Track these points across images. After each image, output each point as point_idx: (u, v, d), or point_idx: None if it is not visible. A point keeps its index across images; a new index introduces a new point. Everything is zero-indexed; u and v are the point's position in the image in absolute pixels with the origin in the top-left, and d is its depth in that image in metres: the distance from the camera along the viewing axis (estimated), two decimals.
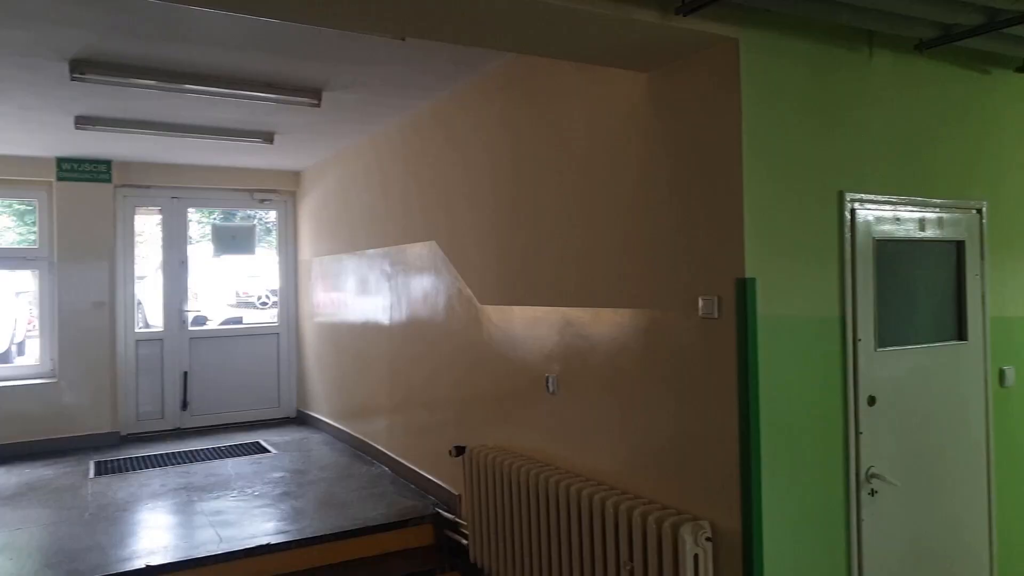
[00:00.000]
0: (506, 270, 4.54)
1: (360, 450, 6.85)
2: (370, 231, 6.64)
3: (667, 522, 3.04)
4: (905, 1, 2.82)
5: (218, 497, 5.56)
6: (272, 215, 9.08)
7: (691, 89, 3.22)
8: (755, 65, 3.03)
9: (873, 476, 3.21)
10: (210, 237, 9.22)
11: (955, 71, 3.62)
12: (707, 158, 3.14)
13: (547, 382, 4.11)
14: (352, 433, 7.11)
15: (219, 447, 7.32)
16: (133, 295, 8.05)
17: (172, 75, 4.66)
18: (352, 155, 7.05)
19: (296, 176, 8.73)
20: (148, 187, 8.11)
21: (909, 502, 3.35)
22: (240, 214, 9.56)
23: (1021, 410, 3.79)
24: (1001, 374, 3.73)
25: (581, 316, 3.88)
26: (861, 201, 3.28)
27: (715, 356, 3.07)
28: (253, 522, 4.96)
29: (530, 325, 4.29)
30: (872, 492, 3.22)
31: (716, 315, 3.06)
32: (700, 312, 3.13)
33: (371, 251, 6.59)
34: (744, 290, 2.96)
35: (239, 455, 6.97)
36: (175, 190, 8.26)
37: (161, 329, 8.25)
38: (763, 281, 3.00)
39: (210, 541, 4.61)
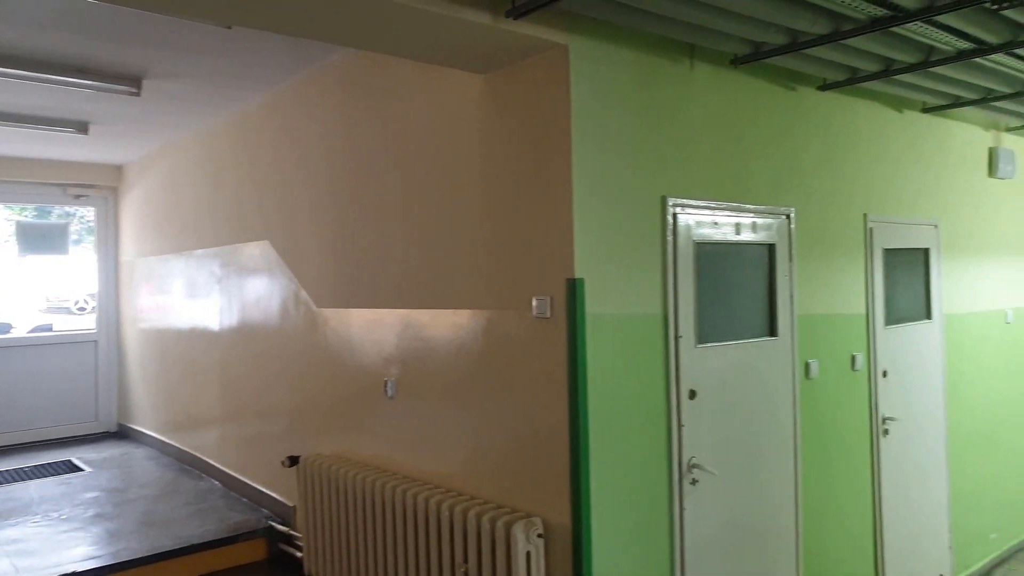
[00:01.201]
0: (344, 272, 4.41)
1: (188, 464, 6.42)
2: (200, 230, 6.25)
3: (500, 521, 3.06)
4: (717, 17, 3.00)
5: (16, 524, 5.00)
6: (90, 212, 8.34)
7: (524, 92, 3.26)
8: (584, 71, 3.11)
9: (694, 466, 3.39)
10: (14, 236, 8.32)
11: (767, 87, 3.91)
12: (539, 161, 3.19)
13: (386, 386, 4.02)
14: (179, 446, 6.65)
15: (22, 468, 6.60)
16: None
17: None
18: (180, 149, 6.61)
19: (118, 170, 8.07)
20: None
21: (726, 488, 3.56)
22: (58, 211, 8.72)
23: (823, 400, 4.15)
24: (807, 367, 4.06)
25: (421, 318, 3.83)
26: (682, 206, 3.45)
27: (547, 354, 3.12)
28: (58, 549, 4.50)
29: (369, 328, 4.19)
30: (693, 481, 3.40)
31: (548, 314, 3.12)
32: (534, 312, 3.17)
33: (200, 251, 6.20)
34: (573, 290, 3.03)
35: (46, 475, 6.32)
36: None
37: None
38: (591, 281, 3.08)
39: (3, 574, 4.13)
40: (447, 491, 3.52)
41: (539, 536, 3.03)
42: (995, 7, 2.88)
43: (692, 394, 3.43)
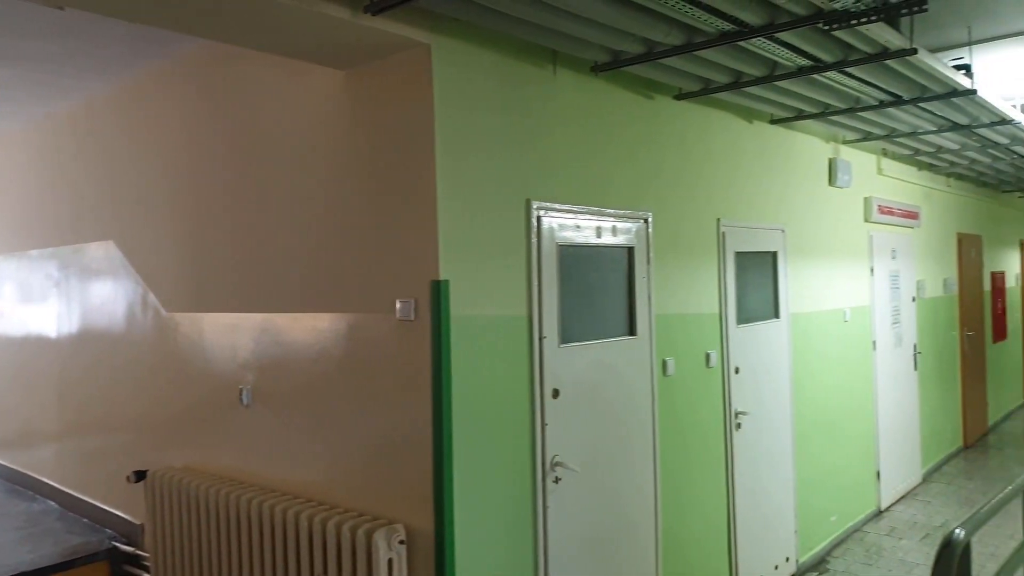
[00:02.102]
0: (197, 274, 4.16)
1: (19, 484, 5.87)
2: (35, 229, 5.73)
3: (361, 529, 2.97)
4: (577, 24, 3.06)
5: None
6: None
7: (386, 91, 3.20)
8: (448, 72, 3.08)
9: (557, 464, 3.44)
10: None
11: (627, 94, 4.03)
12: (403, 161, 3.13)
13: (241, 394, 3.83)
14: (8, 465, 6.07)
15: None
16: None
17: None
18: (12, 140, 6.03)
19: None
20: None
21: (589, 485, 3.64)
22: None
23: (680, 396, 4.32)
24: (664, 365, 4.21)
25: (278, 322, 3.67)
26: (546, 209, 3.50)
27: (411, 358, 3.07)
28: None
29: (223, 333, 3.97)
30: (556, 479, 3.44)
31: (412, 317, 3.07)
32: (397, 315, 3.12)
33: (35, 252, 5.69)
34: (438, 292, 2.99)
35: None
36: None
37: None
38: (456, 283, 3.06)
39: None
40: (306, 501, 3.39)
41: (401, 543, 2.97)
42: (827, 28, 3.09)
43: (555, 393, 3.48)
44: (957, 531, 2.51)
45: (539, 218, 3.45)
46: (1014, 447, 8.81)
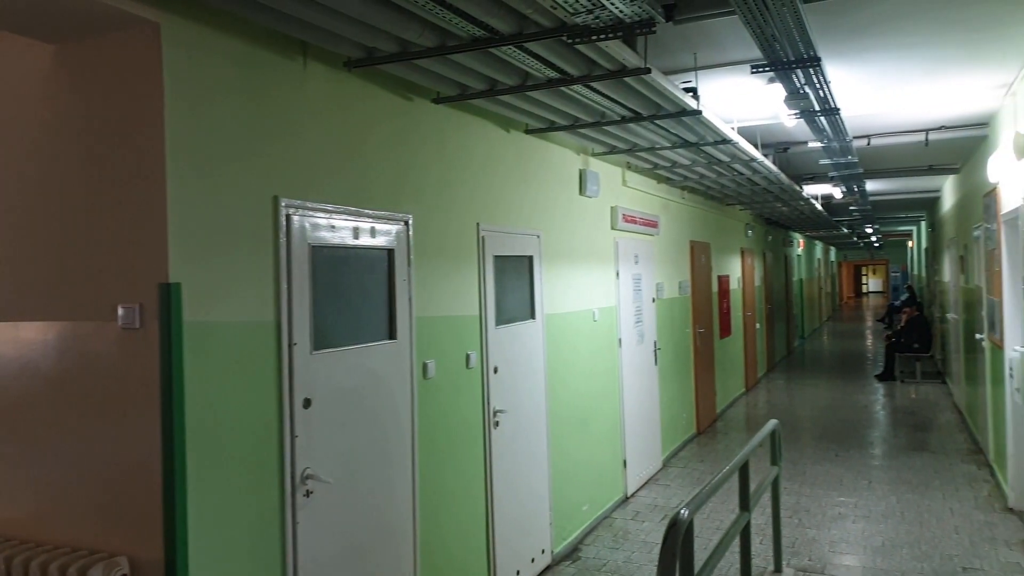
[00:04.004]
0: None
1: None
2: None
3: (74, 567, 2.60)
4: (324, 15, 2.92)
5: None
6: None
7: (107, 71, 2.84)
8: (181, 56, 2.81)
9: (308, 477, 3.27)
10: None
11: (384, 94, 3.96)
12: (126, 152, 2.80)
13: None
14: None
15: None
16: None
17: None
18: None
19: None
20: None
21: (346, 496, 3.50)
22: None
23: (441, 398, 4.33)
24: (424, 367, 4.20)
25: None
26: (296, 208, 3.32)
27: (137, 370, 2.75)
28: None
29: None
30: (308, 493, 3.27)
31: (138, 324, 2.75)
32: (120, 322, 2.78)
33: None
34: (168, 295, 2.71)
35: None
36: None
37: None
38: (192, 286, 2.80)
39: None
40: (5, 541, 2.90)
41: None
42: (570, 41, 3.25)
43: (307, 403, 3.31)
44: (682, 512, 2.74)
45: (288, 217, 3.27)
46: (737, 431, 10.00)
